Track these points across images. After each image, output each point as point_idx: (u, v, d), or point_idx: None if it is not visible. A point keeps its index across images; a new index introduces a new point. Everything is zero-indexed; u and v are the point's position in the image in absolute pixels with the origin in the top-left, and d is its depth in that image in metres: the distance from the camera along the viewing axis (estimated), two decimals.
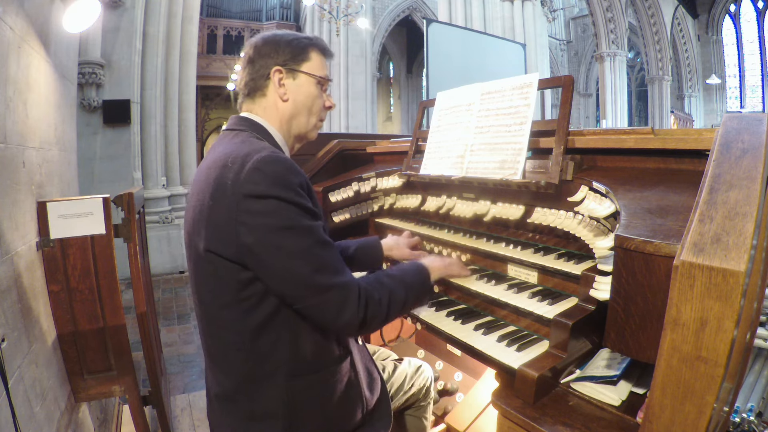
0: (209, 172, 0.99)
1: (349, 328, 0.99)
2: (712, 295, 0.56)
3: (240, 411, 1.04)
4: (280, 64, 1.12)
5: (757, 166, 0.71)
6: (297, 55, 1.14)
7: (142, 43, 5.74)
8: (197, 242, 0.99)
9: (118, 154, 5.55)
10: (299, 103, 1.15)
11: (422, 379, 1.42)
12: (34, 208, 1.61)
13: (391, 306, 1.04)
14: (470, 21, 8.99)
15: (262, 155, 0.95)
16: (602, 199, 1.13)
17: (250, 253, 0.93)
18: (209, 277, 0.99)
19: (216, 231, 0.95)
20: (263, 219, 0.91)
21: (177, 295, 5.09)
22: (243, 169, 0.93)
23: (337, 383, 1.07)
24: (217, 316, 1.02)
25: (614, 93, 14.40)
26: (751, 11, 17.90)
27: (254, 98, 1.15)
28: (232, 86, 15.12)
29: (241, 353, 1.00)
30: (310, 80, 1.15)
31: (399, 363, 1.43)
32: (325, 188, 1.90)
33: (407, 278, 1.13)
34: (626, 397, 0.90)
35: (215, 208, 0.94)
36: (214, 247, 0.95)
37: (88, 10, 2.04)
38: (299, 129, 1.18)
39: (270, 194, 0.91)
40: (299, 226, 0.93)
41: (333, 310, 0.96)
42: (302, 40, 1.15)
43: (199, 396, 2.75)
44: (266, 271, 0.94)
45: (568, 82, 1.35)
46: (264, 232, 0.92)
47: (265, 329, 0.98)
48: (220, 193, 0.94)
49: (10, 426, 1.17)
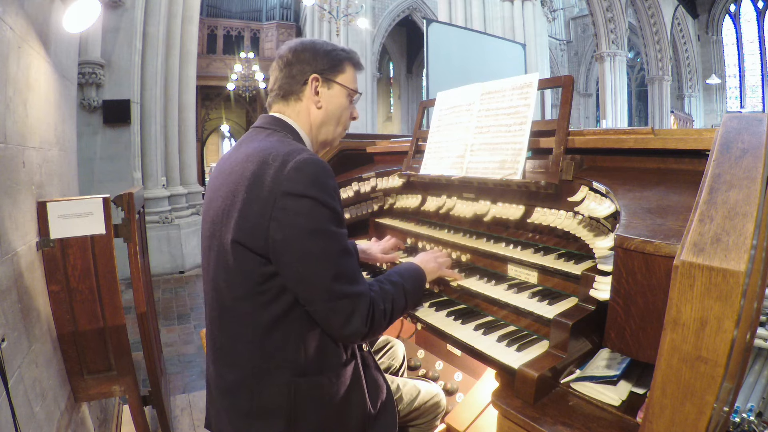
0: (246, 165, 1.01)
1: (353, 337, 1.02)
2: (712, 295, 0.56)
3: (241, 406, 1.04)
4: (318, 72, 1.16)
5: (757, 166, 0.71)
6: (335, 66, 1.18)
7: (142, 43, 5.74)
8: (223, 233, 1.01)
9: (118, 154, 5.55)
10: (330, 112, 1.20)
11: (433, 403, 1.40)
12: (34, 208, 1.61)
13: (393, 314, 1.09)
14: (470, 21, 8.99)
15: (303, 156, 0.98)
16: (602, 199, 1.13)
17: (276, 249, 0.95)
18: (230, 268, 1.01)
19: (248, 223, 0.97)
20: (296, 218, 0.94)
21: (177, 295, 5.09)
22: (285, 167, 0.96)
23: (340, 386, 1.07)
24: (231, 306, 1.04)
25: (614, 93, 14.40)
26: (751, 11, 17.91)
27: (288, 101, 1.18)
28: (232, 86, 15.15)
29: (250, 346, 1.02)
30: (343, 91, 1.20)
31: (416, 381, 1.43)
32: None
33: (407, 285, 1.16)
34: (626, 397, 0.90)
35: (251, 201, 0.97)
36: (243, 239, 0.97)
37: (88, 10, 2.04)
38: (326, 136, 1.23)
39: (307, 194, 0.95)
40: (327, 231, 0.97)
41: (342, 317, 0.98)
42: (340, 52, 1.20)
43: (199, 396, 2.75)
44: (287, 268, 0.97)
45: (568, 82, 1.35)
46: (294, 231, 0.95)
47: (277, 325, 1.00)
48: (258, 187, 0.96)
49: (10, 426, 1.17)
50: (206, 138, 19.07)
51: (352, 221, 1.97)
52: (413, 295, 1.18)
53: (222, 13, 17.15)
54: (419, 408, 1.37)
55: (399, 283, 1.15)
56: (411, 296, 1.17)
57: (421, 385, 1.41)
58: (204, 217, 1.11)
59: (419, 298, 1.23)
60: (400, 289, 1.13)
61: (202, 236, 1.12)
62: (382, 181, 1.95)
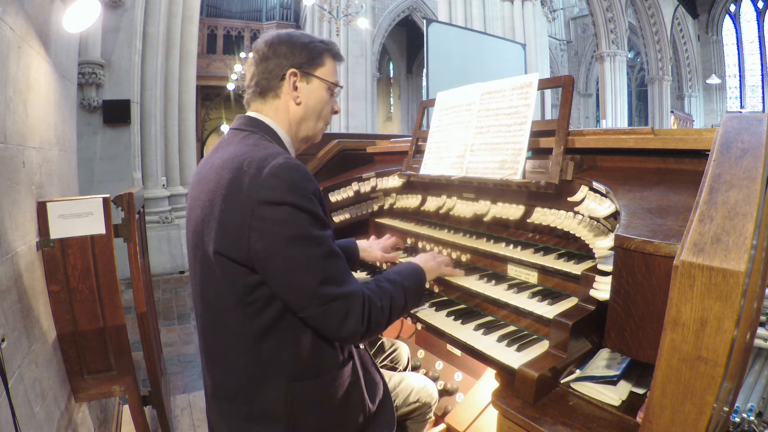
0: (221, 172, 0.98)
1: (352, 338, 1.00)
2: (712, 295, 0.56)
3: (240, 411, 1.04)
4: (296, 66, 1.11)
5: (757, 166, 0.71)
6: (313, 59, 1.13)
7: (142, 43, 5.73)
8: (206, 243, 0.98)
9: (118, 154, 5.55)
10: (310, 107, 1.16)
11: (426, 396, 1.41)
12: (34, 208, 1.61)
13: (393, 312, 1.07)
14: (470, 21, 8.98)
15: (279, 161, 0.94)
16: (602, 199, 1.13)
17: (259, 259, 0.93)
18: (216, 279, 0.99)
19: (228, 234, 0.94)
20: (276, 227, 0.92)
21: (177, 295, 5.09)
22: (260, 174, 0.93)
23: (338, 387, 1.07)
24: (220, 317, 1.01)
25: (614, 93, 14.39)
26: (751, 11, 17.90)
27: (266, 98, 1.14)
28: (232, 86, 15.14)
29: (243, 355, 1.00)
30: (323, 85, 1.16)
31: (408, 375, 1.44)
32: (325, 188, 1.90)
33: (406, 283, 1.15)
34: (626, 397, 0.90)
35: (228, 211, 0.94)
36: (225, 249, 0.95)
37: (88, 10, 2.04)
38: (307, 132, 1.19)
39: (285, 201, 0.92)
40: (309, 236, 0.94)
41: (337, 320, 0.96)
42: (318, 44, 1.15)
43: (199, 396, 2.75)
44: (273, 278, 0.95)
45: (568, 82, 1.35)
46: (275, 240, 0.92)
47: (269, 333, 0.98)
48: (235, 196, 0.94)
49: (10, 426, 1.17)
50: (206, 138, 19.05)
51: (352, 221, 1.97)
52: (413, 294, 1.16)
53: (222, 13, 17.15)
54: (416, 401, 1.37)
55: (398, 281, 1.13)
56: (410, 294, 1.15)
57: (414, 379, 1.41)
58: (187, 226, 1.08)
59: (419, 297, 1.22)
60: (399, 287, 1.11)
61: (187, 245, 1.09)
62: (382, 181, 1.95)
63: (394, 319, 1.09)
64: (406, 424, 1.42)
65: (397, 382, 1.37)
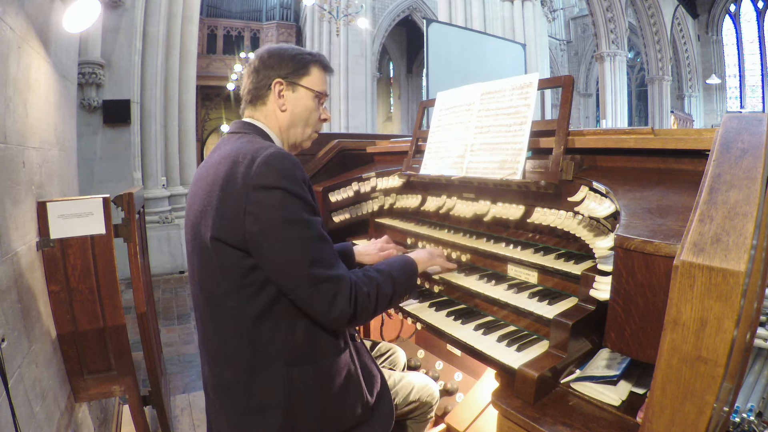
0: (218, 168, 1.04)
1: (340, 320, 1.03)
2: (712, 295, 0.56)
3: (238, 404, 1.06)
4: (282, 76, 1.20)
5: (757, 166, 0.71)
6: (298, 70, 1.21)
7: (142, 43, 5.73)
8: (203, 232, 1.03)
9: (118, 154, 5.55)
10: (296, 114, 1.23)
11: (427, 396, 1.41)
12: (34, 208, 1.61)
13: (379, 300, 1.10)
14: (470, 21, 8.99)
15: (270, 151, 1.02)
16: (602, 199, 1.13)
17: (253, 241, 0.98)
18: (213, 265, 1.03)
19: (225, 220, 1.00)
20: (269, 210, 0.98)
21: (177, 295, 5.09)
22: (253, 163, 1.00)
23: (336, 375, 1.09)
24: (218, 303, 1.05)
25: (614, 93, 14.40)
26: (751, 11, 17.90)
27: (256, 105, 1.23)
28: (232, 86, 15.15)
29: (240, 342, 1.04)
30: (308, 94, 1.23)
31: (408, 373, 1.44)
32: (325, 188, 1.90)
33: (394, 273, 1.18)
34: (626, 397, 0.90)
35: (225, 199, 1.00)
36: (221, 235, 1.00)
37: (88, 10, 2.04)
38: (295, 138, 1.27)
39: (278, 186, 0.98)
40: (301, 219, 1.00)
41: (325, 301, 1.00)
42: (305, 55, 1.23)
43: (199, 396, 2.75)
44: (266, 259, 1.00)
45: (568, 82, 1.35)
46: (268, 222, 0.98)
47: (265, 317, 1.03)
48: (231, 185, 1.00)
49: (10, 426, 1.17)
50: (206, 138, 19.06)
51: (352, 221, 1.97)
52: (401, 284, 1.18)
53: (222, 13, 17.16)
54: (417, 400, 1.38)
55: (385, 270, 1.16)
56: (399, 284, 1.17)
57: (415, 377, 1.42)
58: (186, 223, 1.14)
59: (409, 287, 1.22)
60: (387, 276, 1.14)
61: (186, 241, 1.15)
62: (382, 181, 1.95)
63: (383, 306, 1.12)
64: (407, 423, 1.42)
65: (398, 380, 1.38)
